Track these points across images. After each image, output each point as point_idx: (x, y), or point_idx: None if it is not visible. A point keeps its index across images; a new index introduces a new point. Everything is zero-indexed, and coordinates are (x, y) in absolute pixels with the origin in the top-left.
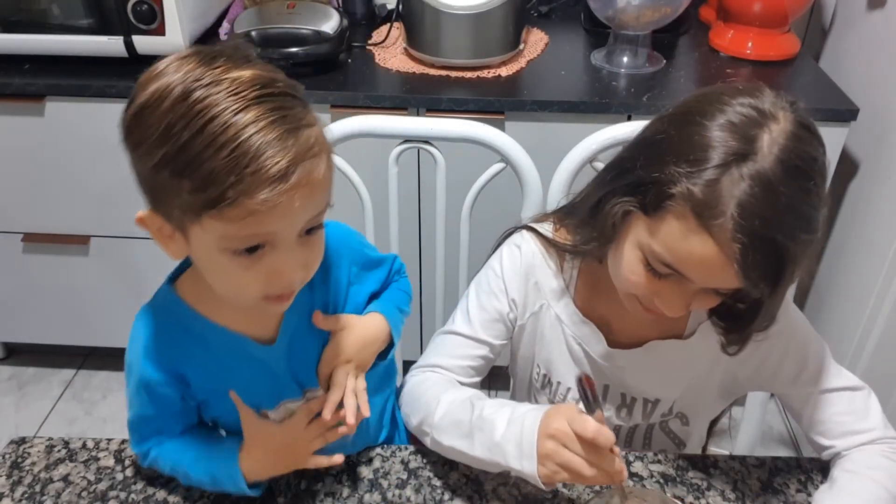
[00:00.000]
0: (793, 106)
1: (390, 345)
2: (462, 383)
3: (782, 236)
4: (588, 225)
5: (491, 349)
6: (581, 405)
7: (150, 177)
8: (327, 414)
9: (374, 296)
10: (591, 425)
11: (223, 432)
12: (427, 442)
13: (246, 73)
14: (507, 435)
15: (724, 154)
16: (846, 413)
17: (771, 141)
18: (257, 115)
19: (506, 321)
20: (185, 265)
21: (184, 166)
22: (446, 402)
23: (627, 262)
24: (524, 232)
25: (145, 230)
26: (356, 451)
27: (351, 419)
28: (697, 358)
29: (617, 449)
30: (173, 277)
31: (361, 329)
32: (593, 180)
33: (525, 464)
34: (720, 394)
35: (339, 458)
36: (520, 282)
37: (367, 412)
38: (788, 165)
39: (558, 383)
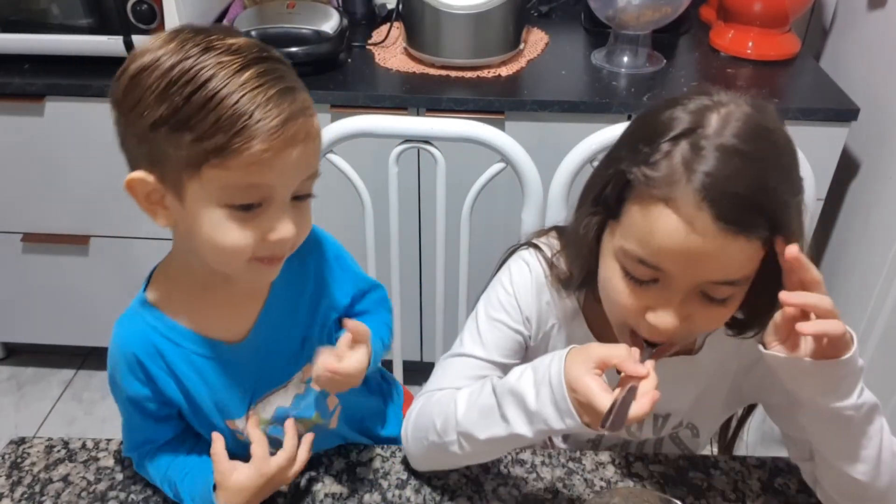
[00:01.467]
0: (752, 100)
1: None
2: None
3: (745, 189)
4: (575, 255)
5: (503, 371)
6: None
7: (145, 135)
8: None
9: (355, 306)
10: (616, 358)
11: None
12: (454, 450)
13: (241, 40)
14: (541, 400)
15: (676, 133)
16: None
17: (720, 117)
18: (256, 73)
19: (519, 340)
20: (150, 275)
21: (185, 120)
22: (464, 399)
23: (608, 283)
24: (531, 249)
25: (132, 195)
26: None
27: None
28: (707, 371)
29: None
30: (146, 285)
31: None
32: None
33: (568, 422)
34: (727, 404)
35: (309, 437)
36: (532, 299)
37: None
38: (739, 131)
39: None
